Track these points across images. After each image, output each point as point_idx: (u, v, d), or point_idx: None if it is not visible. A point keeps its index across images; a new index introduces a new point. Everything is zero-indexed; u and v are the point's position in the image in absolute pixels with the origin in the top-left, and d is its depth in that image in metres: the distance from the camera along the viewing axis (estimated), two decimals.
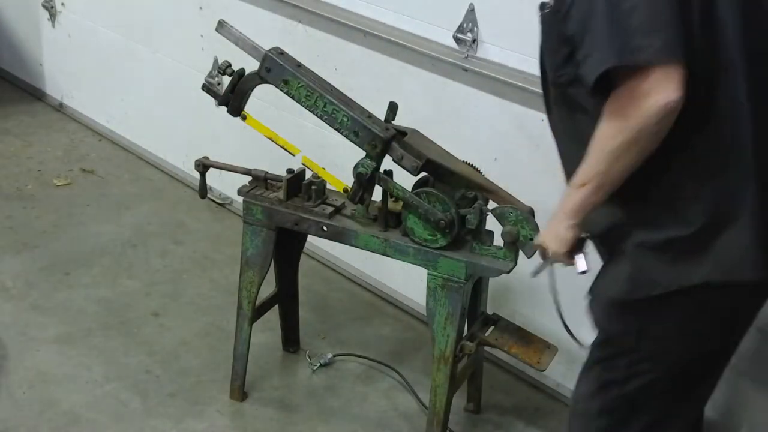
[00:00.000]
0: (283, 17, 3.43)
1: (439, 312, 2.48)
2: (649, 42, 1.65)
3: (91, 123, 4.56)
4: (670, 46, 1.65)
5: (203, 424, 2.78)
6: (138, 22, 4.13)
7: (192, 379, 2.95)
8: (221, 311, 3.25)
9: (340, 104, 2.47)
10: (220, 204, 3.97)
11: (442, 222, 2.42)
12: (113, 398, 2.85)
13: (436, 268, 2.47)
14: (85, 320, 3.19)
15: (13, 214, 3.80)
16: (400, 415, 2.87)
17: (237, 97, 2.57)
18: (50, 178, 4.09)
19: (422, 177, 2.51)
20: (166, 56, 4.03)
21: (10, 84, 4.95)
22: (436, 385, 2.55)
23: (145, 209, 3.93)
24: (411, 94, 3.00)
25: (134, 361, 3.01)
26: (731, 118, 1.75)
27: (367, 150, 2.46)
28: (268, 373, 3.01)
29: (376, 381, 3.02)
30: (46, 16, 4.60)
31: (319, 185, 2.63)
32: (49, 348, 3.04)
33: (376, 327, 3.30)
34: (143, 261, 3.56)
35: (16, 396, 2.82)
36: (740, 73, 1.73)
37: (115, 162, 4.29)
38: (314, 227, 2.62)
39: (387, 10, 3.07)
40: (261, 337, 3.05)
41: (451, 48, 2.89)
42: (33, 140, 4.43)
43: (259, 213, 2.67)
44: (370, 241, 2.55)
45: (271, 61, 2.50)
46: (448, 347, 2.50)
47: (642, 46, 1.65)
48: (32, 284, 3.36)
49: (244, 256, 2.73)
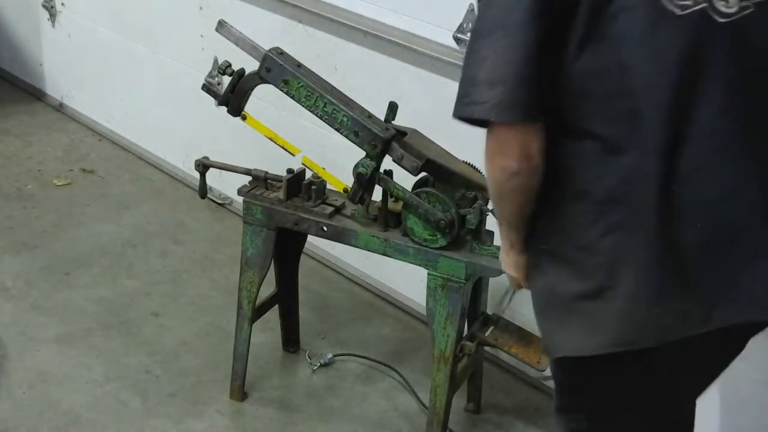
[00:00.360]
0: (283, 17, 3.43)
1: (439, 312, 2.48)
2: (487, 97, 1.54)
3: (91, 123, 4.56)
4: (506, 105, 1.53)
5: (203, 424, 2.78)
6: (138, 22, 4.13)
7: (192, 379, 2.95)
8: (221, 311, 3.25)
9: (340, 104, 2.47)
10: (220, 204, 3.97)
11: (442, 222, 2.42)
12: (113, 398, 2.85)
13: (436, 268, 2.47)
14: (85, 320, 3.19)
15: (13, 214, 3.80)
16: (400, 415, 2.87)
17: (237, 97, 2.57)
18: (50, 178, 4.09)
19: (422, 177, 2.51)
20: (166, 56, 4.03)
21: (10, 84, 4.95)
22: (436, 385, 2.55)
23: (145, 209, 3.93)
24: (411, 94, 3.00)
25: (134, 361, 3.01)
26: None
27: (367, 150, 2.46)
28: (268, 373, 3.01)
29: (376, 381, 3.02)
30: (46, 16, 4.60)
31: (319, 185, 2.63)
32: (49, 348, 3.04)
33: (376, 327, 3.30)
34: (143, 261, 3.56)
35: (16, 396, 2.82)
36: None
37: (115, 162, 4.29)
38: (314, 227, 2.62)
39: (387, 10, 3.07)
40: (261, 337, 3.05)
41: (451, 48, 2.89)
42: (33, 140, 4.43)
43: (259, 213, 2.67)
44: (370, 241, 2.55)
45: (271, 61, 2.50)
46: (448, 347, 2.50)
47: (478, 101, 1.56)
48: (32, 284, 3.36)
49: (244, 256, 2.73)
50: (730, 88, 1.51)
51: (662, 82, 1.50)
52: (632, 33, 1.50)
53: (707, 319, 1.52)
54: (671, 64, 1.49)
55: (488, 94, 1.54)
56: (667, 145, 1.50)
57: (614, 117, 1.54)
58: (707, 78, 1.50)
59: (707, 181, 1.52)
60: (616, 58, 1.51)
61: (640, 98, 1.51)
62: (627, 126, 1.52)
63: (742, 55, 1.51)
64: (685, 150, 1.50)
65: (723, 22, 1.49)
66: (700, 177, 1.51)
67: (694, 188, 1.51)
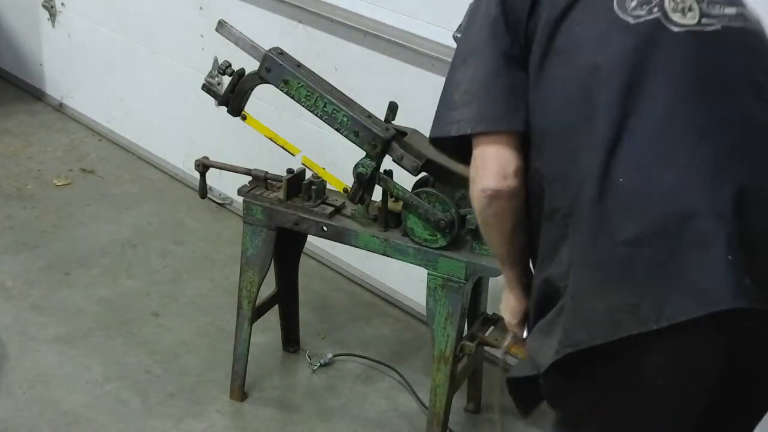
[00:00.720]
0: (283, 17, 3.43)
1: (439, 312, 2.48)
2: (462, 115, 1.64)
3: (91, 123, 4.56)
4: (480, 117, 1.62)
5: (203, 424, 2.78)
6: (138, 22, 4.13)
7: (192, 379, 2.95)
8: (221, 311, 3.25)
9: (340, 104, 2.47)
10: (220, 204, 3.97)
11: (442, 222, 2.42)
12: (113, 398, 2.85)
13: (436, 268, 2.47)
14: (85, 320, 3.19)
15: (13, 214, 3.80)
16: (400, 415, 2.87)
17: (237, 97, 2.58)
18: (50, 178, 4.09)
19: (422, 177, 2.51)
20: (166, 56, 4.03)
21: (10, 84, 4.95)
22: (436, 385, 2.55)
23: (145, 209, 3.93)
24: (411, 94, 3.00)
25: (134, 361, 3.01)
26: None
27: (367, 150, 2.46)
28: (268, 373, 3.01)
29: (376, 381, 3.02)
30: (46, 16, 4.60)
31: (319, 185, 2.63)
32: (49, 348, 3.04)
33: (376, 327, 3.30)
34: (143, 261, 3.56)
35: (16, 396, 2.82)
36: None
37: (115, 162, 4.29)
38: (314, 227, 2.62)
39: (387, 10, 3.07)
40: (261, 337, 3.05)
41: (451, 48, 2.87)
42: (33, 140, 4.43)
43: (259, 213, 2.67)
44: (370, 241, 2.55)
45: (271, 61, 2.50)
46: (448, 347, 2.50)
47: (454, 120, 1.66)
48: (32, 284, 3.36)
49: (244, 256, 2.73)
50: (679, 89, 1.54)
51: (613, 82, 1.54)
52: (587, 42, 1.58)
53: (659, 314, 1.45)
54: (621, 65, 1.55)
55: (463, 112, 1.65)
56: (612, 140, 1.52)
57: (572, 122, 1.58)
58: (655, 78, 1.54)
59: (651, 173, 1.51)
60: (573, 65, 1.58)
61: (594, 99, 1.55)
62: (582, 129, 1.56)
63: (698, 60, 1.56)
64: (630, 144, 1.52)
65: (677, 31, 1.56)
66: (645, 169, 1.51)
67: (639, 180, 1.51)
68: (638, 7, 1.57)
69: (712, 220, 1.47)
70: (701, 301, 1.44)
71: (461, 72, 1.69)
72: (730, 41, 1.59)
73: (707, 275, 1.45)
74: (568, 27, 1.60)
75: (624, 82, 1.54)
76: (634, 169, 1.52)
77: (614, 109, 1.53)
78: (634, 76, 1.54)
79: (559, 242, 1.59)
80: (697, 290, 1.45)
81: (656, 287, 1.47)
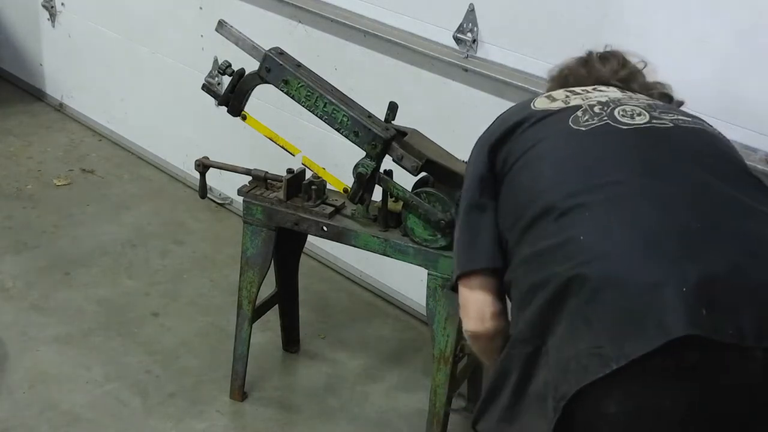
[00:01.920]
0: (283, 17, 3.43)
1: (439, 312, 2.49)
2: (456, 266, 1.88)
3: (91, 123, 4.56)
4: (464, 263, 1.86)
5: (203, 424, 2.78)
6: (138, 22, 4.13)
7: (192, 379, 2.95)
8: (221, 311, 3.25)
9: (340, 104, 2.47)
10: (220, 204, 3.97)
11: (442, 222, 2.42)
12: (113, 398, 2.85)
13: (436, 268, 2.47)
14: (85, 320, 3.19)
15: (13, 214, 3.80)
16: (400, 415, 2.87)
17: (237, 97, 2.57)
18: (50, 178, 4.09)
19: (422, 177, 2.51)
20: (166, 56, 4.03)
21: (10, 84, 4.95)
22: (436, 385, 2.55)
23: (145, 209, 3.93)
24: (411, 94, 3.00)
25: (134, 361, 3.01)
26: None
27: (367, 150, 2.46)
28: (268, 373, 3.01)
29: (376, 381, 3.02)
30: (46, 16, 4.59)
31: (319, 185, 2.63)
32: (49, 348, 3.04)
33: (376, 327, 3.30)
34: (143, 261, 3.56)
35: (16, 396, 2.82)
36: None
37: (115, 162, 4.29)
38: (314, 227, 2.62)
39: (387, 10, 3.07)
40: (261, 337, 3.05)
41: (451, 48, 2.89)
42: (33, 140, 4.43)
43: (259, 213, 2.67)
44: (370, 241, 2.55)
45: (271, 61, 2.50)
46: (448, 347, 2.50)
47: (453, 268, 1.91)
48: (32, 284, 3.36)
49: (244, 256, 2.73)
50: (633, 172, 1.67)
51: (568, 178, 1.71)
52: (548, 150, 1.78)
53: (619, 353, 1.48)
54: (578, 158, 1.74)
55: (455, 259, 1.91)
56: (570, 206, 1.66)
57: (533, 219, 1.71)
58: (610, 163, 1.70)
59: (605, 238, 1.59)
60: (535, 171, 1.76)
61: (548, 194, 1.70)
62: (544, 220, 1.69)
63: (647, 145, 1.72)
64: (588, 210, 1.64)
65: (625, 129, 1.74)
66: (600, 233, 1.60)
67: (594, 239, 1.60)
68: (590, 119, 1.78)
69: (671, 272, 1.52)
70: (658, 333, 1.46)
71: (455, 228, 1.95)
72: (681, 132, 1.76)
73: (664, 311, 1.48)
74: (532, 146, 1.80)
75: (581, 174, 1.70)
76: (592, 230, 1.62)
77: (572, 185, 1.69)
78: (590, 166, 1.71)
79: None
80: (654, 325, 1.47)
81: (617, 329, 1.51)
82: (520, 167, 1.80)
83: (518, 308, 1.70)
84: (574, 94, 1.90)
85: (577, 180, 1.70)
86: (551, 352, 1.59)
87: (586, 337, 1.53)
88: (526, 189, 1.76)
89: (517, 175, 1.80)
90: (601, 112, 1.79)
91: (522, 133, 1.85)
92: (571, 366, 1.53)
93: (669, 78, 2.43)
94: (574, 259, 1.58)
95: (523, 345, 1.64)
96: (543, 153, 1.78)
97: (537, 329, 1.62)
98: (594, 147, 1.74)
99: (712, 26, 2.34)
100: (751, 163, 2.29)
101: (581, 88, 1.93)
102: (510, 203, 1.81)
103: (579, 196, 1.66)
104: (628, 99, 1.85)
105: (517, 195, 1.79)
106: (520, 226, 1.74)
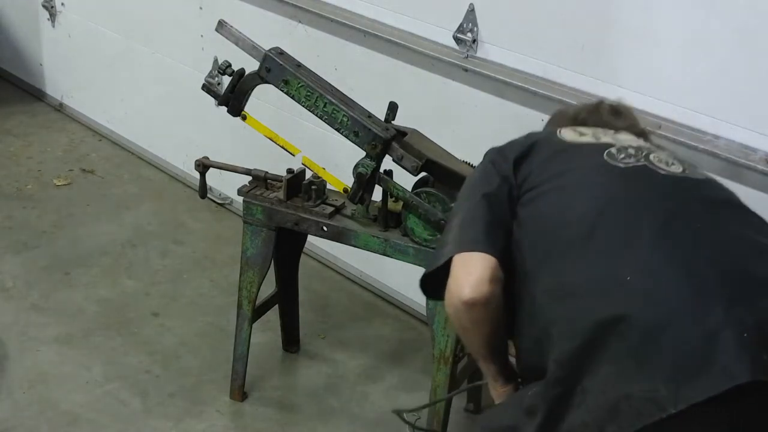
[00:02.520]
0: (283, 17, 3.43)
1: (439, 312, 2.48)
2: (449, 247, 1.79)
3: (91, 123, 4.56)
4: (466, 242, 1.76)
5: (203, 424, 2.78)
6: (138, 22, 4.13)
7: (192, 379, 2.95)
8: (221, 311, 3.25)
9: (340, 104, 2.47)
10: (220, 204, 3.97)
11: (442, 222, 2.42)
12: (113, 398, 2.85)
13: None
14: (85, 320, 3.19)
15: (13, 214, 3.80)
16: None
17: (237, 97, 2.57)
18: (50, 178, 4.09)
19: (422, 177, 2.51)
20: (166, 56, 4.03)
21: (10, 84, 4.95)
22: (436, 385, 2.55)
23: (145, 209, 3.93)
24: (411, 94, 2.99)
25: (134, 361, 3.01)
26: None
27: (367, 150, 2.46)
28: (268, 373, 3.01)
29: (376, 381, 3.02)
30: (46, 16, 4.59)
31: (319, 185, 2.63)
32: (49, 348, 3.04)
33: (376, 327, 3.30)
34: (143, 261, 3.56)
35: (16, 396, 2.82)
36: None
37: (115, 162, 4.29)
38: (314, 227, 2.62)
39: (387, 10, 3.07)
40: (261, 337, 3.05)
41: (451, 48, 2.89)
42: (33, 140, 4.43)
43: (259, 213, 2.67)
44: (370, 241, 2.55)
45: (271, 61, 2.50)
46: (448, 347, 2.50)
47: (443, 254, 1.80)
48: (32, 284, 3.36)
49: (244, 256, 2.73)
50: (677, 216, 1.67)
51: (608, 211, 1.68)
52: (582, 180, 1.75)
53: (677, 397, 1.46)
54: (618, 194, 1.71)
55: (449, 246, 1.80)
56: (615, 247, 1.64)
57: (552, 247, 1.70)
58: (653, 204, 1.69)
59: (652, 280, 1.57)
60: (568, 199, 1.73)
61: (583, 225, 1.67)
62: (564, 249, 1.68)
63: (689, 197, 1.73)
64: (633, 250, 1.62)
65: (663, 174, 1.75)
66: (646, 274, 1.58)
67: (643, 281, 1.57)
68: (626, 157, 1.77)
69: (726, 316, 1.50)
70: (723, 378, 1.45)
71: (453, 219, 1.87)
72: (712, 184, 1.80)
73: (727, 356, 1.46)
74: (560, 171, 1.78)
75: (620, 201, 1.69)
76: (637, 269, 1.59)
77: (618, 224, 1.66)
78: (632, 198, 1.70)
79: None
80: (717, 369, 1.45)
81: (674, 372, 1.48)
82: (546, 191, 1.77)
83: (535, 341, 1.68)
84: (603, 134, 1.89)
85: (617, 215, 1.67)
86: (590, 393, 1.55)
87: (637, 379, 1.50)
88: (556, 215, 1.72)
89: (544, 199, 1.76)
90: (637, 153, 1.79)
91: (550, 159, 1.82)
92: (622, 408, 1.50)
93: (669, 78, 2.45)
94: (618, 298, 1.55)
95: (554, 385, 1.59)
96: (577, 181, 1.75)
97: (572, 368, 1.57)
98: (635, 185, 1.72)
99: (712, 26, 2.34)
100: (751, 162, 2.30)
101: (605, 130, 1.92)
102: (532, 225, 1.76)
103: (620, 232, 1.64)
104: (657, 148, 1.86)
105: (545, 219, 1.74)
106: (543, 250, 1.70)
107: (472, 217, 1.80)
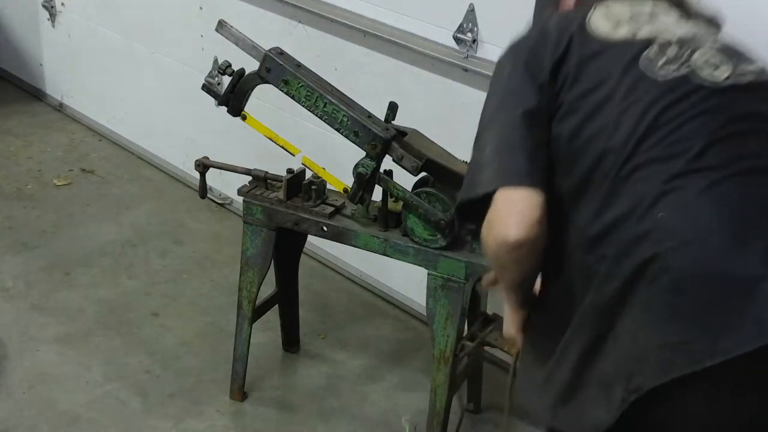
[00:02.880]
0: (283, 17, 3.43)
1: (439, 312, 2.48)
2: (488, 174, 1.63)
3: (91, 123, 4.56)
4: (505, 173, 1.61)
5: (203, 424, 2.78)
6: (138, 22, 4.13)
7: (192, 379, 2.95)
8: (221, 311, 3.25)
9: (340, 104, 2.47)
10: (220, 204, 3.97)
11: (442, 222, 2.42)
12: (113, 398, 2.85)
13: (436, 268, 2.46)
14: (85, 320, 3.19)
15: (13, 214, 3.80)
16: (400, 415, 2.87)
17: (237, 97, 2.58)
18: (50, 178, 4.09)
19: (422, 177, 2.51)
20: (166, 56, 4.03)
21: (10, 84, 4.95)
22: (436, 385, 2.55)
23: (145, 209, 3.93)
24: (411, 94, 3.00)
25: (134, 361, 3.01)
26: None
27: (367, 150, 2.46)
28: (268, 373, 3.01)
29: (376, 381, 3.02)
30: (46, 16, 4.59)
31: (319, 185, 2.63)
32: (49, 348, 3.04)
33: (376, 327, 3.30)
34: (143, 261, 3.56)
35: (16, 396, 2.82)
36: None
37: (115, 162, 4.29)
38: (314, 227, 2.62)
39: (387, 10, 3.07)
40: (261, 337, 3.05)
41: (451, 48, 2.89)
42: (33, 140, 4.42)
43: (259, 213, 2.67)
44: (370, 241, 2.55)
45: (271, 61, 2.50)
46: (448, 347, 2.50)
47: (481, 181, 1.65)
48: (32, 284, 3.36)
49: (244, 256, 2.73)
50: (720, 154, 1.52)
51: (645, 141, 1.54)
52: (616, 97, 1.58)
53: (712, 350, 1.40)
54: (653, 119, 1.55)
55: (488, 173, 1.63)
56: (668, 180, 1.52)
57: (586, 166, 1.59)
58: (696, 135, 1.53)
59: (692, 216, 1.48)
60: (601, 121, 1.58)
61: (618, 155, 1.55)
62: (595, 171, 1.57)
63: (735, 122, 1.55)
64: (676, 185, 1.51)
65: (707, 90, 1.56)
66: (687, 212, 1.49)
67: (680, 219, 1.48)
68: (666, 64, 1.59)
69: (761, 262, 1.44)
70: (761, 332, 1.39)
71: (486, 135, 1.69)
72: (753, 96, 1.59)
73: (760, 307, 1.40)
74: (594, 83, 1.61)
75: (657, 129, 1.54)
76: (676, 211, 1.49)
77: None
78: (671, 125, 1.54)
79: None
80: (755, 323, 1.40)
81: (709, 323, 1.43)
82: (579, 109, 1.61)
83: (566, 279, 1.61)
84: (640, 19, 1.67)
85: (654, 146, 1.53)
86: (621, 339, 1.50)
87: (670, 329, 1.44)
88: (589, 139, 1.59)
89: (577, 118, 1.61)
90: (679, 55, 1.60)
91: (583, 64, 1.63)
92: (650, 358, 1.45)
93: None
94: (655, 241, 1.47)
95: (590, 328, 1.54)
96: (609, 99, 1.59)
97: (606, 313, 1.52)
98: (673, 108, 1.55)
99: None
100: None
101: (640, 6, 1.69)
102: (566, 147, 1.62)
103: (656, 167, 1.52)
104: (701, 37, 1.65)
105: (579, 144, 1.60)
106: (578, 180, 1.60)
107: (511, 139, 1.63)
